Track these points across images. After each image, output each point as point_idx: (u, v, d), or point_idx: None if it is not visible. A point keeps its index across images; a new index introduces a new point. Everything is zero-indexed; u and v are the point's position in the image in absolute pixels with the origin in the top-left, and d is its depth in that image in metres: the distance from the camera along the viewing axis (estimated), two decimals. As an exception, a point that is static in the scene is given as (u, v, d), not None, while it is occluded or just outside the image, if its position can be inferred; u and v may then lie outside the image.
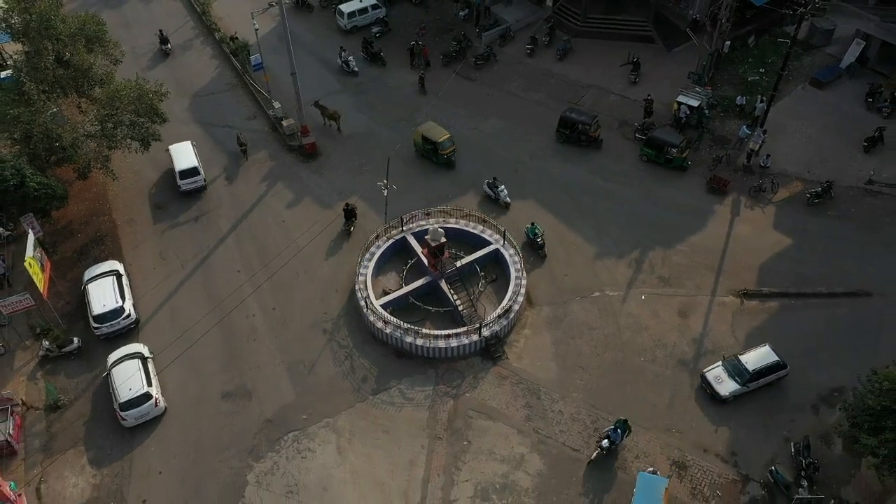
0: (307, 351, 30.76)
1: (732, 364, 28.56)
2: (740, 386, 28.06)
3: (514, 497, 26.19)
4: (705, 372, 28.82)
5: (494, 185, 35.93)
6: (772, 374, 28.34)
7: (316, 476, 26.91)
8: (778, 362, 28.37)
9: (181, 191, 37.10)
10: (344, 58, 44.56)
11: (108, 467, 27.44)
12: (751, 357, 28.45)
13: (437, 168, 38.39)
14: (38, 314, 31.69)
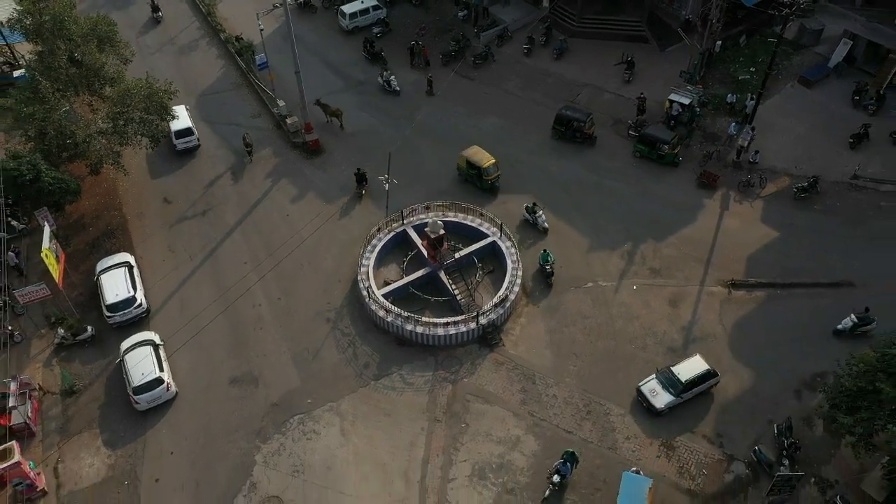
0: (311, 339, 32.04)
1: (666, 376, 28.91)
2: (675, 397, 28.43)
3: (510, 476, 27.47)
4: (640, 385, 29.15)
5: (533, 211, 35.82)
6: (704, 382, 28.83)
7: (320, 456, 28.19)
8: (709, 371, 28.88)
9: (177, 150, 39.90)
10: (385, 77, 44.31)
11: (121, 448, 28.72)
12: (683, 368, 28.85)
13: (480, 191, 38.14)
14: (53, 304, 32.97)
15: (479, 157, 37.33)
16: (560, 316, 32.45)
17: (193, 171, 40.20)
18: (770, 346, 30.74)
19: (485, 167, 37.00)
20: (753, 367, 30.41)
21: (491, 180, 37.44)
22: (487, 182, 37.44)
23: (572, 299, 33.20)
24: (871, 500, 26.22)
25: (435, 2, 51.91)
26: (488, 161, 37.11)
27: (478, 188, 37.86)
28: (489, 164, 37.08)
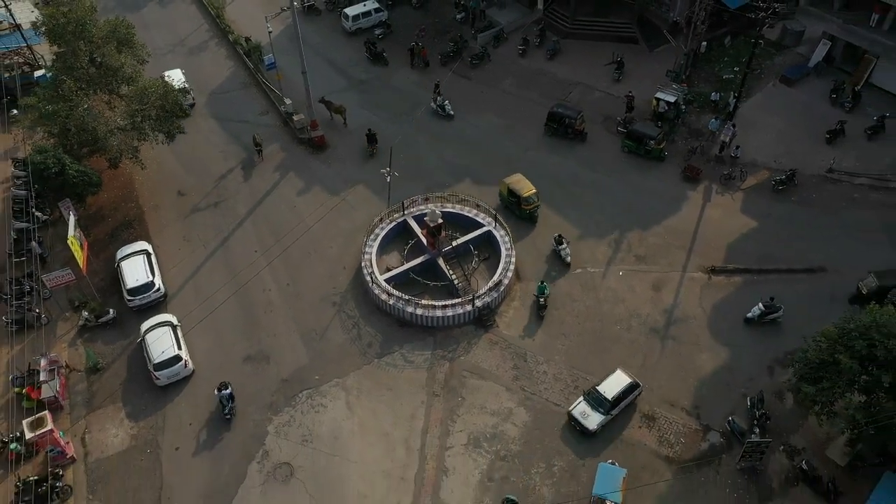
0: (319, 321, 34.34)
1: (593, 397, 29.86)
2: (605, 416, 29.43)
3: (503, 444, 29.76)
4: (571, 410, 29.94)
5: (560, 242, 36.20)
6: (629, 395, 30.06)
7: (328, 427, 30.48)
8: (631, 384, 30.17)
9: None
10: (439, 102, 44.70)
11: (143, 420, 31.04)
12: (607, 385, 29.94)
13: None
14: (76, 289, 35.29)
15: (521, 185, 37.60)
16: (550, 299, 34.67)
17: (206, 166, 42.47)
18: (746, 327, 32.99)
19: (524, 196, 37.27)
20: (730, 345, 32.68)
21: (530, 210, 37.68)
22: (526, 211, 37.65)
23: (562, 284, 35.47)
24: (835, 465, 28.49)
25: (434, 4, 54.17)
26: (529, 190, 37.39)
27: (516, 216, 38.10)
28: (529, 193, 37.34)
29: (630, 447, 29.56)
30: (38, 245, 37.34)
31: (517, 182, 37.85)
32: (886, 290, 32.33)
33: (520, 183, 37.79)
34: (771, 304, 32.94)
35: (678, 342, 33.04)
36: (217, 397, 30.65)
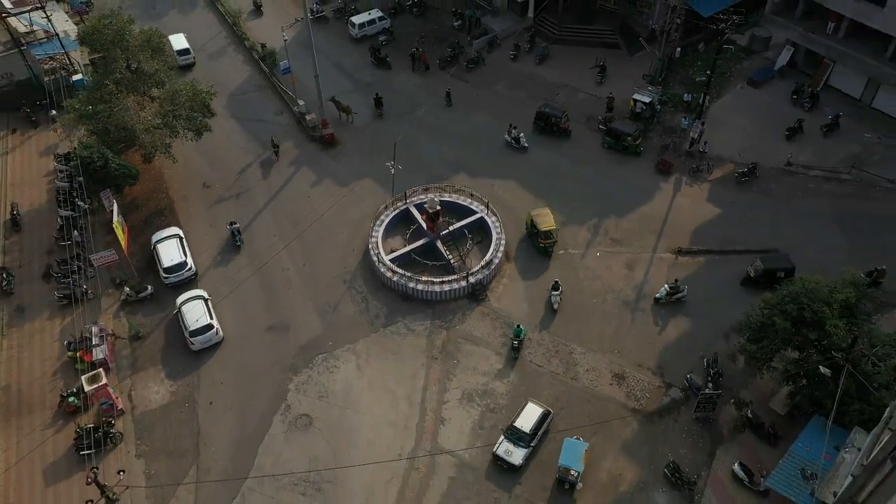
0: (331, 296, 39.07)
1: (513, 433, 31.77)
2: (527, 449, 31.52)
3: (492, 399, 34.47)
4: (496, 451, 31.69)
5: (556, 287, 37.72)
6: (544, 423, 32.30)
7: (341, 385, 35.21)
8: (544, 413, 32.34)
9: (178, 66, 51.91)
10: (514, 135, 46.23)
11: (181, 380, 35.78)
12: (523, 420, 31.96)
13: None
14: (117, 268, 40.00)
15: (542, 220, 39.07)
16: (536, 276, 39.36)
17: (227, 161, 47.15)
18: (706, 300, 37.69)
19: (542, 230, 38.75)
20: (691, 316, 37.36)
21: (545, 244, 39.32)
22: (541, 245, 39.45)
23: (546, 262, 40.14)
24: (777, 415, 33.19)
25: (433, 13, 58.84)
26: (548, 226, 38.76)
27: (535, 248, 40.28)
28: (548, 228, 38.75)
29: (602, 401, 34.25)
30: (77, 233, 41.96)
31: (541, 215, 39.46)
32: (771, 272, 37.18)
33: (543, 217, 39.37)
34: (675, 286, 37.56)
35: (647, 314, 37.71)
36: (229, 230, 40.80)
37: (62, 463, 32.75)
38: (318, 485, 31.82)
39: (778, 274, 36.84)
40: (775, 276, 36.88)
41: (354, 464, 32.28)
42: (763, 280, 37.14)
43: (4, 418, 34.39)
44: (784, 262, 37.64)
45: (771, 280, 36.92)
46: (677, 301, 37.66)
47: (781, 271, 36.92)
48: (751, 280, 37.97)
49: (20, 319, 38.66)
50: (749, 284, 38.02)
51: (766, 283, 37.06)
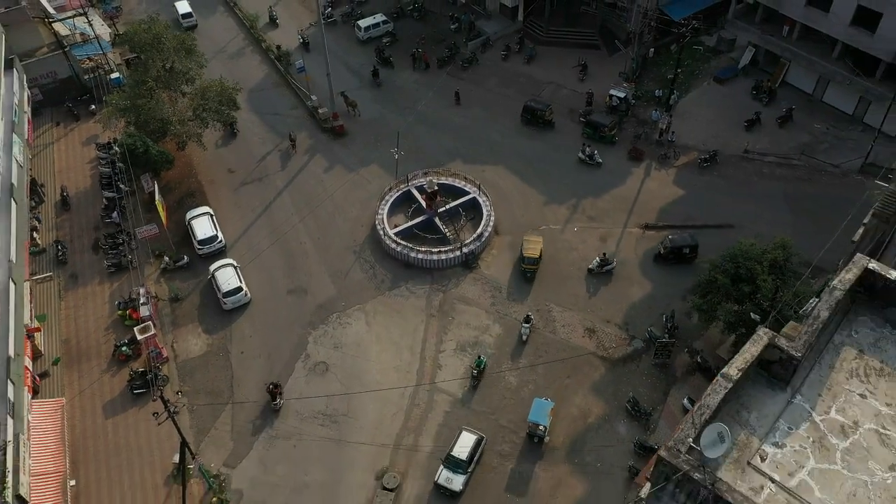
0: (343, 264, 45.03)
1: (451, 462, 34.56)
2: (465, 475, 34.35)
3: (481, 349, 40.43)
4: (437, 480, 34.28)
5: (527, 320, 40.48)
6: (479, 448, 35.09)
7: (352, 338, 41.19)
8: (477, 439, 35.20)
9: (183, 26, 60.22)
10: (588, 152, 49.68)
11: (216, 334, 41.76)
12: (459, 448, 34.77)
13: None
14: (156, 241, 45.94)
15: (528, 245, 42.76)
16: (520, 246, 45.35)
17: (249, 149, 53.12)
18: (668, 267, 43.61)
19: (525, 255, 42.65)
20: (655, 280, 43.31)
21: (525, 268, 42.81)
22: (523, 268, 43.07)
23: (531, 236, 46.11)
24: (723, 360, 39.15)
25: (432, 17, 64.78)
26: (530, 252, 42.40)
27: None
28: (529, 255, 42.45)
29: (576, 350, 40.22)
30: (118, 215, 47.89)
31: (529, 242, 43.02)
32: (678, 249, 43.09)
33: (530, 243, 42.95)
34: (604, 259, 43.41)
35: (616, 278, 43.64)
36: None
37: (118, 400, 38.79)
38: (335, 418, 37.83)
39: (684, 251, 42.87)
40: (682, 253, 42.80)
41: (365, 401, 38.28)
42: (672, 256, 42.97)
43: (67, 365, 40.39)
44: (690, 240, 43.36)
45: (679, 256, 42.80)
46: (607, 272, 43.47)
47: (687, 248, 42.91)
48: (661, 257, 43.74)
49: (74, 285, 44.64)
50: (660, 261, 43.77)
51: (675, 259, 42.76)
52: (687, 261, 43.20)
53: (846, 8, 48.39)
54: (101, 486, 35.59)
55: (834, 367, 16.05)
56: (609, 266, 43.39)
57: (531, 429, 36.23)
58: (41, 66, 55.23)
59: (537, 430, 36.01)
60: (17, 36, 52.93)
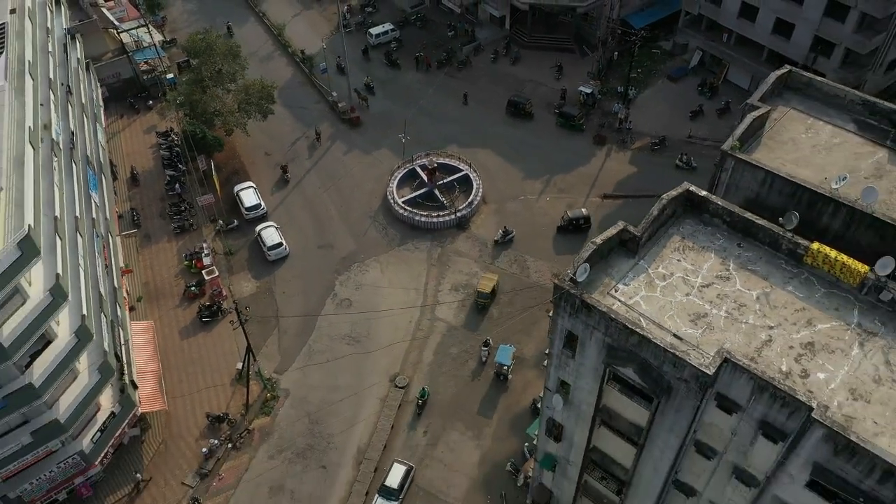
0: (361, 226, 56.41)
1: (385, 491, 40.77)
2: (398, 501, 40.29)
3: (471, 288, 51.73)
4: None
5: (486, 344, 47.39)
6: (408, 477, 41.42)
7: (370, 281, 52.57)
8: (407, 469, 41.51)
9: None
10: (685, 159, 58.44)
11: (262, 279, 53.19)
12: (391, 478, 41.08)
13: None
14: (212, 208, 57.32)
15: (483, 281, 50.04)
16: (503, 213, 56.71)
17: (281, 136, 64.53)
18: (568, 233, 54.89)
19: (478, 289, 49.94)
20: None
21: (476, 299, 49.93)
22: (476, 300, 50.14)
23: (511, 205, 57.51)
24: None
25: (432, 25, 76.08)
26: (483, 287, 49.52)
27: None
28: (482, 289, 49.45)
29: (544, 289, 51.40)
30: (180, 187, 59.38)
31: (484, 279, 50.37)
32: (575, 220, 53.86)
33: (484, 279, 50.34)
34: (507, 231, 54.09)
35: (578, 236, 54.89)
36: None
37: (190, 327, 50.28)
38: (357, 339, 49.27)
39: (580, 222, 53.74)
40: (578, 224, 53.77)
41: (380, 327, 49.72)
42: (570, 226, 53.90)
43: (148, 302, 51.83)
44: (583, 214, 54.14)
45: (576, 227, 53.66)
46: (508, 241, 54.31)
47: (581, 220, 53.81)
48: (562, 228, 54.60)
49: (148, 243, 56.10)
50: (562, 231, 54.50)
51: (573, 230, 53.67)
52: (583, 230, 54.07)
53: (767, 20, 59.79)
54: (182, 386, 47.05)
55: (665, 246, 27.42)
56: (509, 236, 53.86)
57: (497, 369, 46.31)
58: (108, 68, 66.66)
59: (502, 369, 46.28)
60: (89, 44, 64.20)
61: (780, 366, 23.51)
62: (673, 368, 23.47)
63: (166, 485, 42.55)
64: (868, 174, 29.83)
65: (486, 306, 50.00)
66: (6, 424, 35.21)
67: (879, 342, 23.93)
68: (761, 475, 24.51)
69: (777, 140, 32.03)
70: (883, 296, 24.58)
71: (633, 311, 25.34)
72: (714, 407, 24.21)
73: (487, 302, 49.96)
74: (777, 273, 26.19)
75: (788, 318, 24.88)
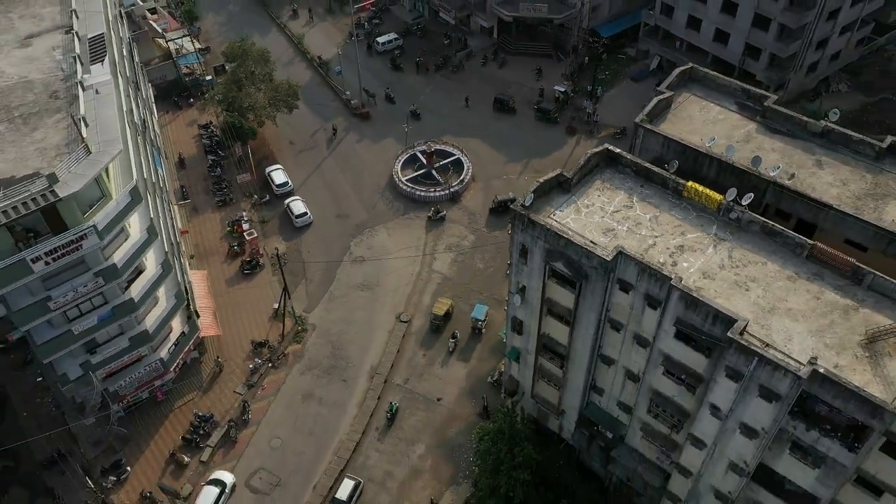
0: (372, 199, 68.37)
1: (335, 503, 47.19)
2: None
3: (461, 248, 63.61)
4: None
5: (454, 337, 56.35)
6: (356, 491, 47.63)
7: (379, 242, 64.48)
8: (356, 484, 47.58)
9: None
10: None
11: (291, 241, 65.10)
12: (341, 492, 47.36)
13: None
14: (247, 185, 69.30)
15: (437, 305, 57.34)
16: (489, 189, 68.64)
17: (303, 128, 76.60)
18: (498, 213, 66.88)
19: (433, 313, 56.79)
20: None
21: (433, 322, 56.92)
22: (432, 321, 57.13)
23: (495, 183, 69.44)
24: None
25: (431, 35, 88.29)
26: (437, 311, 56.74)
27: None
28: (436, 312, 56.68)
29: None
30: (219, 169, 71.40)
31: (439, 303, 57.51)
32: (504, 203, 64.99)
33: (438, 304, 57.42)
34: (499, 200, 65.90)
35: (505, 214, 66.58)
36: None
37: (234, 278, 62.20)
38: (369, 286, 61.17)
39: (508, 204, 64.29)
40: (506, 206, 64.61)
41: (387, 277, 61.61)
42: (500, 209, 65.03)
43: (199, 259, 63.73)
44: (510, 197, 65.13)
45: (505, 208, 64.32)
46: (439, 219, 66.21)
47: (510, 202, 64.66)
48: (493, 210, 65.97)
49: (196, 214, 68.03)
50: (493, 213, 65.79)
51: (502, 211, 64.58)
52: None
53: (709, 30, 72.04)
54: (230, 321, 58.86)
55: (590, 186, 39.30)
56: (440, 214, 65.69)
57: (473, 323, 57.51)
58: (156, 71, 78.82)
59: (477, 324, 57.43)
60: (141, 50, 76.39)
61: (658, 259, 35.35)
62: (587, 259, 35.35)
63: (222, 392, 54.33)
64: (739, 140, 41.67)
65: (440, 327, 57.34)
66: (109, 333, 47.04)
67: (727, 244, 35.79)
68: (650, 336, 36.28)
69: (678, 116, 44.07)
70: (731, 215, 36.44)
71: (564, 227, 37.22)
72: (617, 290, 36.04)
73: (441, 323, 57.26)
74: (665, 203, 38.09)
75: (669, 231, 36.77)
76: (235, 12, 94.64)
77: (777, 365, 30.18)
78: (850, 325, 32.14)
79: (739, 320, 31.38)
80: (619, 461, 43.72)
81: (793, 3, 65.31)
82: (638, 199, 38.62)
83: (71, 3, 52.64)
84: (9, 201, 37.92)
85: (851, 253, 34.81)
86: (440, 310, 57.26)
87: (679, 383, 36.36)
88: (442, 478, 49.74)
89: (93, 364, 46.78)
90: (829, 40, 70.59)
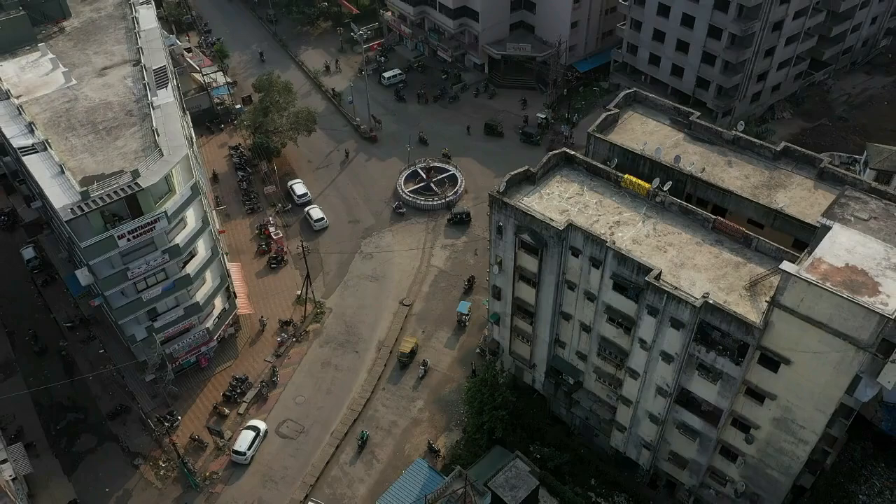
0: (378, 208, 79.93)
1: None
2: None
3: (455, 247, 74.95)
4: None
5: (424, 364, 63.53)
6: (257, 437, 57.92)
7: (386, 243, 75.83)
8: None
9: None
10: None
11: (310, 241, 76.40)
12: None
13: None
14: (272, 196, 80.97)
15: (404, 343, 64.35)
16: (480, 198, 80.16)
17: (319, 149, 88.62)
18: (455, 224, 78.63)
19: (400, 351, 63.84)
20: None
21: (400, 359, 63.96)
22: (399, 357, 64.48)
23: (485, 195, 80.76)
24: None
25: (430, 71, 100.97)
26: (403, 349, 63.85)
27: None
28: (403, 350, 63.70)
29: (506, 247, 74.61)
30: (247, 183, 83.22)
31: (405, 341, 64.70)
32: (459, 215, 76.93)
33: (405, 342, 64.62)
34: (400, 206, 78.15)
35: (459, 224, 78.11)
36: None
37: (262, 271, 73.50)
38: (377, 277, 72.41)
39: (461, 216, 76.32)
40: (461, 218, 76.36)
41: (392, 270, 72.84)
42: (456, 220, 76.47)
43: (233, 255, 75.05)
44: (465, 210, 77.15)
45: (460, 221, 76.12)
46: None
47: (464, 214, 76.49)
48: (450, 221, 77.31)
49: (228, 220, 79.54)
50: (450, 224, 77.10)
51: (458, 223, 76.09)
52: (465, 223, 76.61)
53: (667, 65, 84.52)
54: (260, 304, 69.92)
55: (552, 180, 50.83)
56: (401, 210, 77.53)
57: (458, 316, 68.42)
58: (192, 101, 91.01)
59: (461, 317, 68.42)
60: (180, 83, 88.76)
61: (600, 232, 46.66)
62: (546, 230, 46.69)
63: (255, 360, 65.15)
64: (669, 146, 53.28)
65: (406, 364, 64.21)
66: (167, 304, 58.15)
67: (652, 220, 47.15)
68: (596, 291, 47.40)
69: (623, 129, 55.77)
70: (657, 199, 47.86)
71: (529, 208, 48.59)
72: (570, 255, 47.29)
73: (408, 360, 64.15)
74: (608, 191, 49.56)
75: (610, 211, 48.16)
76: (257, 52, 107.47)
77: (680, 299, 41.32)
78: (739, 275, 43.36)
79: (655, 269, 42.59)
80: (579, 403, 54.39)
81: (733, 43, 77.70)
82: (588, 189, 50.14)
83: (137, 41, 64.93)
84: (103, 190, 49.47)
85: (752, 229, 46.14)
86: (406, 347, 64.04)
87: (618, 327, 47.40)
88: (437, 426, 60.29)
89: (155, 328, 57.74)
90: (769, 74, 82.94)
